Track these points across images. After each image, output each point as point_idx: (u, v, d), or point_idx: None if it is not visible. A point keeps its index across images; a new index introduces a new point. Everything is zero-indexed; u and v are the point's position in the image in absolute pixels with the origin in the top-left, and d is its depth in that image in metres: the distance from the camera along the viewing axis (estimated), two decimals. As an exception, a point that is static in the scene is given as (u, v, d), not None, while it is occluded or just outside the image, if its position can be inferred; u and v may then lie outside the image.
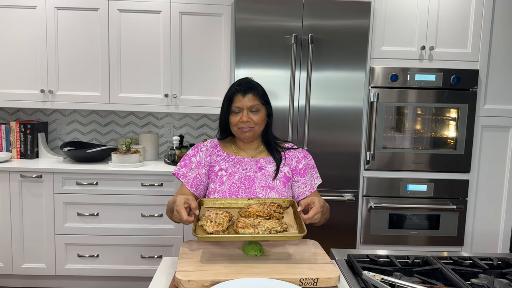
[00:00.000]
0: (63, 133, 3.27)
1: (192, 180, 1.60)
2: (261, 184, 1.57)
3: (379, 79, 2.67)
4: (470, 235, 2.83)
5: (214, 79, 2.92)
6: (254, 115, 1.59)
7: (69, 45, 2.86)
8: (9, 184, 2.72)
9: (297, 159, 1.66)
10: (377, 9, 2.64)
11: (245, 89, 1.59)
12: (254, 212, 1.36)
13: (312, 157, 1.72)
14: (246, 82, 1.63)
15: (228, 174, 1.59)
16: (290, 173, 1.63)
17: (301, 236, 1.22)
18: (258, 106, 1.59)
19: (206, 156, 1.65)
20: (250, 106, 1.58)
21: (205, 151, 1.66)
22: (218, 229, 1.26)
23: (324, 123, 2.64)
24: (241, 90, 1.59)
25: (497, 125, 2.76)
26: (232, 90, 1.60)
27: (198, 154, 1.65)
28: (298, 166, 1.65)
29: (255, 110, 1.59)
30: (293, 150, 1.70)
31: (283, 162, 1.64)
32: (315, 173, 1.70)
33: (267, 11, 2.56)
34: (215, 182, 1.59)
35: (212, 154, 1.66)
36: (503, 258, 1.45)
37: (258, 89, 1.61)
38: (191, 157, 1.66)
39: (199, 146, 1.69)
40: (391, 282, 1.16)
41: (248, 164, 1.62)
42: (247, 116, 1.57)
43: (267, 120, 1.66)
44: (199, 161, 1.64)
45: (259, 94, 1.61)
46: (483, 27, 2.68)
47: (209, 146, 1.68)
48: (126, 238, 2.78)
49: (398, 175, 2.74)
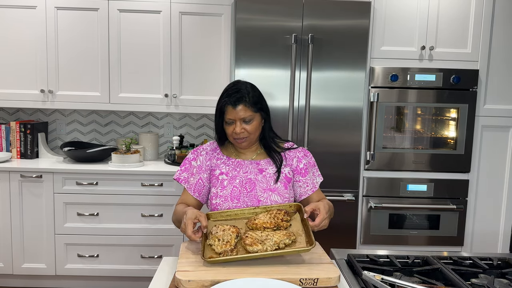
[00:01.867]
0: (63, 133, 3.27)
1: (194, 186, 1.60)
2: (263, 187, 1.56)
3: (379, 79, 2.67)
4: (470, 235, 2.83)
5: (214, 79, 2.92)
6: (248, 125, 1.54)
7: (69, 45, 2.86)
8: (9, 184, 2.72)
9: (298, 159, 1.65)
10: (377, 9, 2.64)
11: (234, 101, 1.51)
12: (261, 224, 1.36)
13: (312, 155, 1.71)
14: (234, 91, 1.54)
15: (229, 178, 1.58)
16: (291, 173, 1.62)
17: (310, 249, 1.23)
18: (251, 116, 1.53)
19: (206, 160, 1.63)
20: (242, 117, 1.52)
21: (205, 155, 1.64)
22: (227, 248, 1.25)
23: (324, 123, 2.64)
24: (231, 102, 1.51)
25: (497, 125, 2.76)
26: (222, 103, 1.54)
27: (198, 159, 1.63)
28: (299, 166, 1.63)
29: (248, 121, 1.54)
30: (293, 149, 1.67)
31: (284, 162, 1.63)
32: (316, 171, 1.69)
33: (267, 11, 2.56)
34: (216, 186, 1.58)
35: (212, 157, 1.64)
36: (503, 258, 1.45)
37: (248, 97, 1.53)
38: (191, 161, 1.64)
39: (199, 150, 1.66)
40: (391, 282, 1.16)
41: (248, 166, 1.61)
42: (240, 127, 1.53)
43: (264, 124, 1.63)
44: (200, 165, 1.62)
45: (250, 102, 1.53)
46: (483, 27, 2.68)
47: (209, 150, 1.66)
48: (126, 238, 2.78)
49: (398, 175, 2.74)
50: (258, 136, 1.62)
